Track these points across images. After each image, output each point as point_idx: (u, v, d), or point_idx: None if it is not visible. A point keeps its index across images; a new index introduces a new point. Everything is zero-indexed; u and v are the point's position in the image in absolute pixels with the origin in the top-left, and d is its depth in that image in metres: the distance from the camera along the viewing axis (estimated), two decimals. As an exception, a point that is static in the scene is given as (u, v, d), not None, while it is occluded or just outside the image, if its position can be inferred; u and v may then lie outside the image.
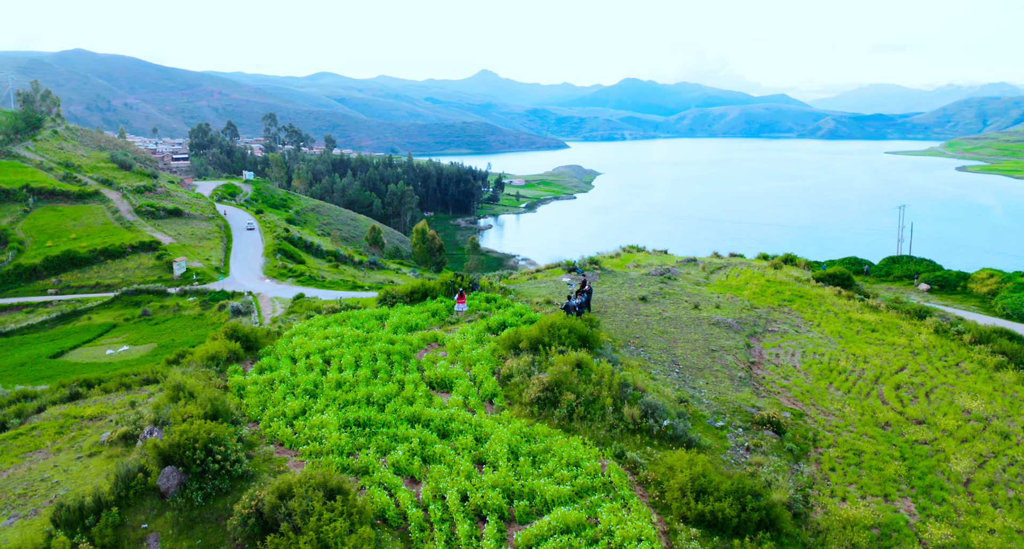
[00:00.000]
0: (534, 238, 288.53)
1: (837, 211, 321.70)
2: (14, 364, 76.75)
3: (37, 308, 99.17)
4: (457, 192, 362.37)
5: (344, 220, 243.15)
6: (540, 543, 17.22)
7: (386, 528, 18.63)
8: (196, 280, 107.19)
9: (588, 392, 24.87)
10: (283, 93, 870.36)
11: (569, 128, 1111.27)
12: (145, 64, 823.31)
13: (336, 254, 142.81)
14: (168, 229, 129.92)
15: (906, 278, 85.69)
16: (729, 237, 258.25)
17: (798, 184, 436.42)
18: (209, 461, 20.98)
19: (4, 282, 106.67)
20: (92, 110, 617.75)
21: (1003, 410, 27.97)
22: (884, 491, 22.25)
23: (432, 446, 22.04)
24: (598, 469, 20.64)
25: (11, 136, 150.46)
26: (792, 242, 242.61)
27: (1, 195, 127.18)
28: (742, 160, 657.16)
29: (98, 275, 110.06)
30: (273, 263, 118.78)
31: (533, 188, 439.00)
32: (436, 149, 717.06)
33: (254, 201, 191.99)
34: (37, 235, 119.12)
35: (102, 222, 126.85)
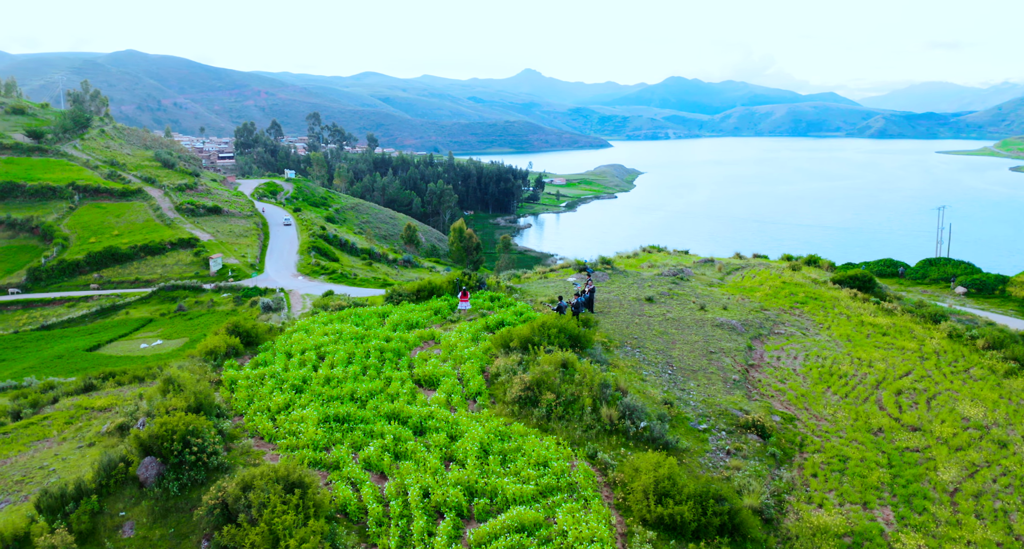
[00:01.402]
0: (573, 237, 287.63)
1: (883, 212, 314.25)
2: (52, 356, 79.10)
3: (78, 302, 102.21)
4: (497, 191, 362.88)
5: (383, 218, 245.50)
6: (492, 541, 17.24)
7: (346, 522, 18.88)
8: (231, 276, 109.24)
9: (569, 392, 24.79)
10: (328, 93, 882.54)
11: (612, 127, 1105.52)
12: (194, 64, 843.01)
13: (370, 252, 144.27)
14: (207, 226, 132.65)
15: (942, 281, 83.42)
16: (771, 238, 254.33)
17: (844, 184, 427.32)
18: (186, 453, 21.49)
19: (49, 277, 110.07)
20: (143, 110, 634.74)
21: (1005, 418, 27.07)
22: (864, 499, 21.72)
23: (405, 443, 22.24)
24: (566, 469, 20.57)
25: (60, 135, 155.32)
26: (835, 244, 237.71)
27: (48, 192, 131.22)
28: (788, 159, 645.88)
29: (138, 271, 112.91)
30: (307, 260, 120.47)
31: (574, 187, 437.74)
32: (478, 148, 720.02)
33: (295, 199, 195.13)
34: (81, 231, 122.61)
35: (144, 219, 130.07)
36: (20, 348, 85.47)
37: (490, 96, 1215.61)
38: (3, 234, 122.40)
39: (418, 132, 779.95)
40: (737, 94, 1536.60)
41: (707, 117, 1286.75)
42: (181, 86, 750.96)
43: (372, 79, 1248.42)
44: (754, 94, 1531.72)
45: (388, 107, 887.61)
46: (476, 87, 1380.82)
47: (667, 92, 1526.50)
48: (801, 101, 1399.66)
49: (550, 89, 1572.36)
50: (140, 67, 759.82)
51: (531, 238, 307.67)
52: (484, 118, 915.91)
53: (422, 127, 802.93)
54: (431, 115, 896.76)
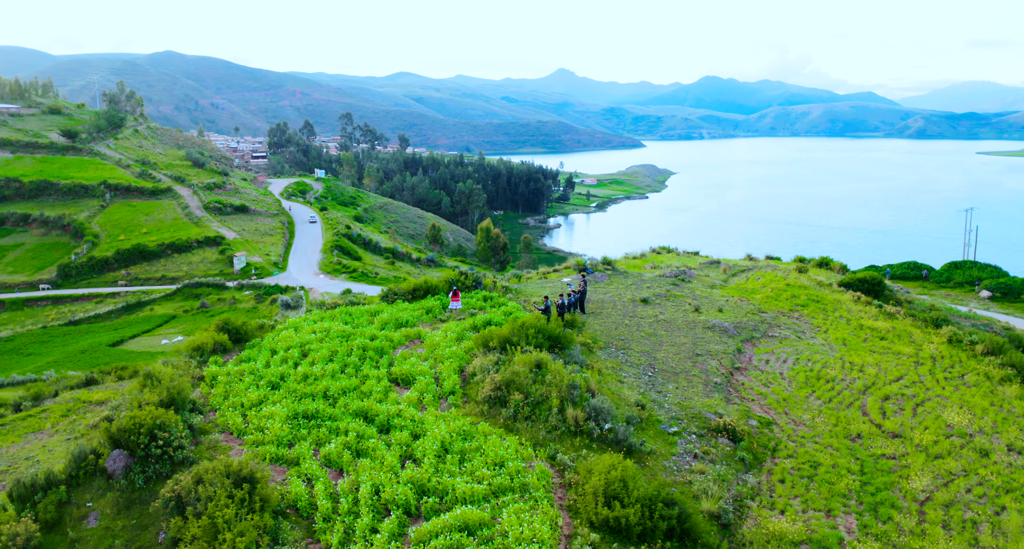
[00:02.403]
0: (602, 238, 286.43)
1: (919, 214, 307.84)
2: (77, 351, 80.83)
3: (106, 299, 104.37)
4: (527, 191, 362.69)
5: (411, 218, 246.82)
6: (433, 539, 17.27)
7: (295, 517, 19.09)
8: (255, 274, 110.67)
9: (539, 393, 24.71)
10: (362, 93, 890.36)
11: (646, 127, 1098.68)
12: (232, 65, 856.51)
13: (394, 251, 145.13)
14: (233, 225, 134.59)
15: (967, 284, 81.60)
16: (803, 240, 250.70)
17: (881, 185, 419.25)
18: (152, 446, 21.88)
19: (78, 273, 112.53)
20: (180, 110, 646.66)
21: (992, 426, 26.33)
22: (829, 506, 21.28)
23: (367, 440, 22.38)
24: (521, 470, 20.51)
25: (93, 135, 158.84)
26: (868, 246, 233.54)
27: (81, 191, 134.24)
28: (823, 160, 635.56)
29: (164, 268, 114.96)
30: (329, 259, 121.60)
31: (605, 187, 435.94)
32: (511, 148, 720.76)
33: (323, 198, 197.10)
34: (111, 229, 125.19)
35: (172, 217, 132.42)
36: (47, 343, 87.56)
37: (523, 96, 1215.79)
38: (36, 231, 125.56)
39: (451, 132, 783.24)
40: (773, 94, 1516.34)
41: (742, 117, 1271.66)
42: (218, 86, 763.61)
43: (406, 79, 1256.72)
44: (790, 94, 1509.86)
45: (421, 107, 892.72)
46: (509, 87, 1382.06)
47: (702, 92, 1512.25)
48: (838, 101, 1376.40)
49: (583, 89, 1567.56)
50: (178, 68, 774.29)
51: (561, 238, 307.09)
52: (517, 118, 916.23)
53: (455, 127, 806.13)
54: (464, 115, 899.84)
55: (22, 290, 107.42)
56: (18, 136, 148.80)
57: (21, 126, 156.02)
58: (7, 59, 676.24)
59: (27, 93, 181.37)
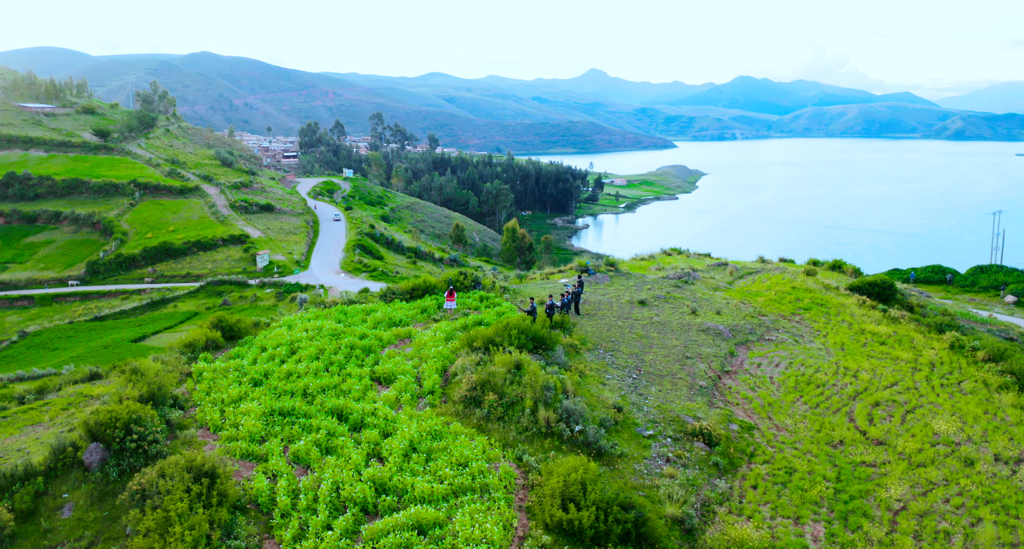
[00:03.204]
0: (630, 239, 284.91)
1: (955, 216, 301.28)
2: (99, 346, 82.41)
3: (131, 295, 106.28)
4: (555, 191, 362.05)
5: (438, 217, 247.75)
6: (384, 537, 17.34)
7: (255, 512, 19.29)
8: (277, 272, 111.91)
9: (514, 393, 24.67)
10: (394, 93, 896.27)
11: (678, 127, 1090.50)
12: (266, 65, 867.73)
13: (416, 251, 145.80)
14: (258, 223, 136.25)
15: (992, 289, 79.85)
16: (835, 243, 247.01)
17: (916, 187, 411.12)
18: (127, 440, 22.27)
19: (106, 270, 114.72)
20: (215, 110, 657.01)
21: (982, 435, 25.67)
22: (798, 513, 20.93)
23: (337, 438, 22.54)
24: (484, 470, 20.50)
25: (125, 134, 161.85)
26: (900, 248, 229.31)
27: (111, 189, 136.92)
28: (858, 161, 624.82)
29: (189, 266, 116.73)
30: (351, 258, 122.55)
31: (634, 188, 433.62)
32: (541, 148, 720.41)
33: (351, 198, 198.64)
34: (140, 227, 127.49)
35: (199, 216, 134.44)
36: (72, 338, 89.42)
37: (554, 96, 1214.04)
38: (67, 228, 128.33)
39: (481, 132, 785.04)
40: (808, 94, 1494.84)
41: (776, 117, 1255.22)
42: (252, 87, 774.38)
43: (437, 79, 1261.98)
44: (826, 94, 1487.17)
45: (452, 107, 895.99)
46: (541, 87, 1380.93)
47: (735, 92, 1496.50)
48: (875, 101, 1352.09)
49: (615, 89, 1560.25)
50: (213, 68, 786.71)
51: (589, 239, 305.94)
52: (548, 118, 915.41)
53: (485, 127, 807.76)
54: (495, 115, 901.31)
55: (52, 286, 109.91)
56: (52, 135, 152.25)
57: (55, 125, 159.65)
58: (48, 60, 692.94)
59: (62, 93, 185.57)
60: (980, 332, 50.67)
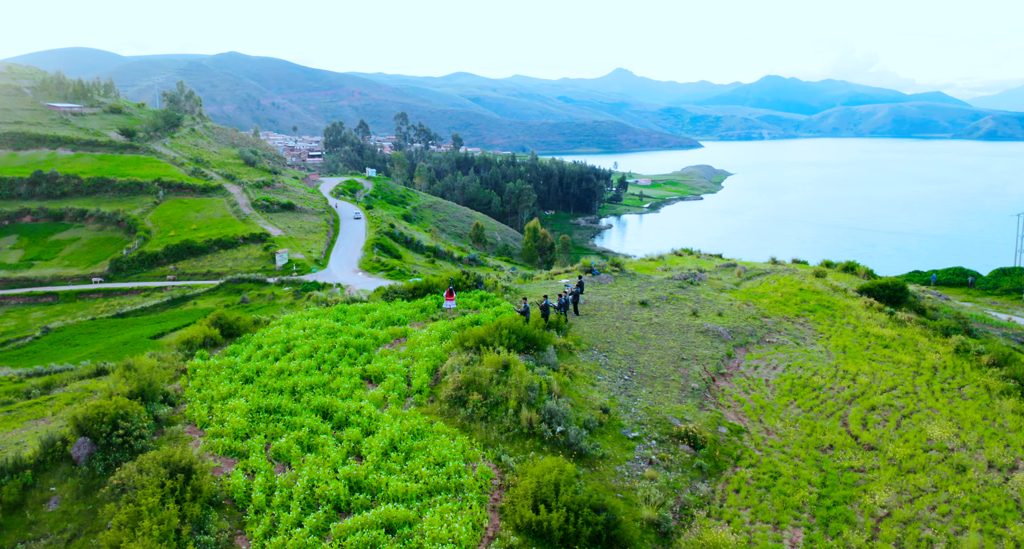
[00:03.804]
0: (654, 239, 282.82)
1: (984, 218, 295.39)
2: (119, 343, 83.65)
3: (153, 293, 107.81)
4: (579, 191, 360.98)
5: (460, 217, 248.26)
6: (351, 535, 17.40)
7: (231, 508, 19.46)
8: (296, 271, 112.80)
9: (499, 394, 24.64)
10: (420, 93, 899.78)
11: (704, 127, 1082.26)
12: (293, 66, 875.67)
13: (435, 250, 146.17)
14: (279, 222, 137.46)
15: (1015, 292, 78.36)
16: (861, 244, 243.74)
17: (945, 188, 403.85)
18: (114, 435, 22.58)
19: (129, 267, 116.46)
20: (243, 109, 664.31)
21: (977, 441, 25.15)
22: (779, 518, 20.64)
23: (319, 436, 22.66)
24: (461, 470, 20.50)
25: (151, 133, 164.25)
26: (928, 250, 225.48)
27: (136, 187, 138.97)
28: (887, 161, 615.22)
29: (210, 263, 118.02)
30: (369, 257, 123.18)
31: (659, 188, 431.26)
32: (566, 148, 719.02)
33: (373, 197, 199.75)
34: (163, 225, 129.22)
35: (221, 214, 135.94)
36: (94, 334, 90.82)
37: (580, 96, 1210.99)
38: (93, 226, 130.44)
39: (506, 132, 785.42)
40: (837, 93, 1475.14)
41: (804, 117, 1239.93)
42: (279, 86, 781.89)
43: (463, 79, 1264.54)
44: (855, 93, 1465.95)
45: (477, 107, 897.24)
46: (566, 87, 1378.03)
47: (763, 91, 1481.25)
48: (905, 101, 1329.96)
49: (641, 88, 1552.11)
50: (242, 68, 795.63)
51: (612, 239, 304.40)
52: (573, 118, 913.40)
53: (510, 127, 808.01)
54: (520, 115, 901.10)
55: (76, 283, 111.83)
56: (79, 134, 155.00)
57: (83, 125, 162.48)
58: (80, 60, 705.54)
59: (90, 93, 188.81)
60: (995, 336, 49.69)
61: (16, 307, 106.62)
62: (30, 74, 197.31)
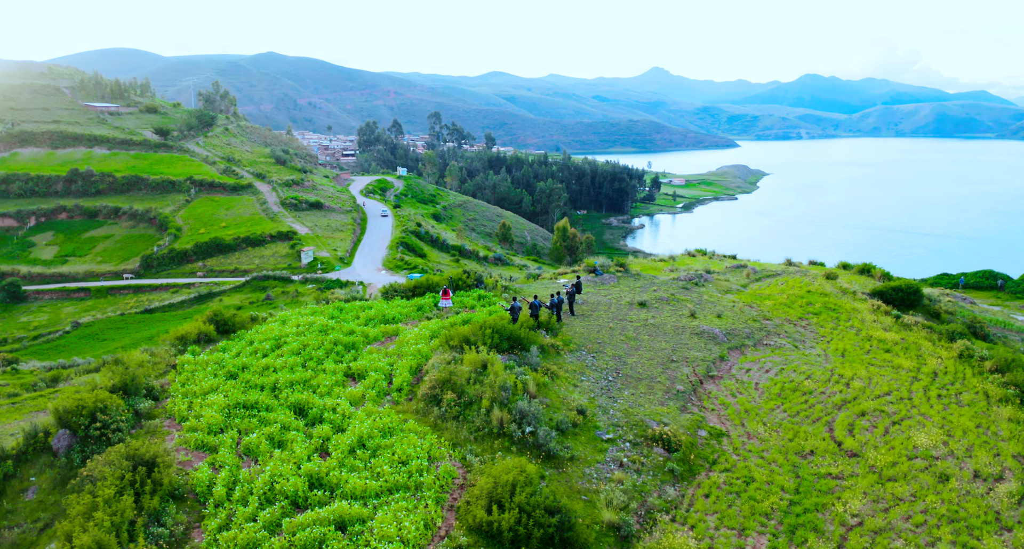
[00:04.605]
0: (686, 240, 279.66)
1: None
2: (144, 338, 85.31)
3: (181, 289, 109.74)
4: (611, 191, 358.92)
5: (489, 216, 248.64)
6: (301, 530, 17.51)
7: (192, 501, 19.71)
8: (320, 269, 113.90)
9: (473, 393, 24.58)
10: (454, 92, 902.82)
11: (741, 126, 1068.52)
12: (329, 65, 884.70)
13: (460, 249, 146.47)
14: (306, 220, 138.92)
15: (1045, 296, 76.02)
16: (898, 246, 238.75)
17: (988, 189, 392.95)
18: (92, 427, 23.01)
19: (159, 264, 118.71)
20: (280, 109, 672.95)
21: (966, 449, 24.39)
22: (744, 525, 20.24)
23: (290, 432, 22.84)
24: (424, 468, 20.49)
25: (185, 132, 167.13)
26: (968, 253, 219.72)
27: (168, 186, 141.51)
28: (927, 161, 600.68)
29: (238, 261, 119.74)
30: (393, 255, 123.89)
31: (693, 188, 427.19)
32: (601, 147, 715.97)
33: (403, 196, 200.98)
34: (194, 223, 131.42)
35: (250, 212, 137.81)
36: (121, 329, 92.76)
37: (615, 95, 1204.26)
38: (125, 224, 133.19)
39: (541, 131, 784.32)
40: (877, 92, 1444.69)
41: (843, 116, 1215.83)
42: (316, 86, 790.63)
43: (498, 79, 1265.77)
44: (896, 92, 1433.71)
45: (512, 106, 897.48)
46: (602, 86, 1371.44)
47: (801, 90, 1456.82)
48: (948, 100, 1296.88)
49: (678, 87, 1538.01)
50: (279, 68, 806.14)
51: (645, 239, 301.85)
52: (608, 117, 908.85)
53: (545, 126, 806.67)
54: (554, 114, 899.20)
55: (107, 279, 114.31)
56: (115, 133, 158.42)
57: (119, 124, 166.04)
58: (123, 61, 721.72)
59: (126, 93, 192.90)
60: (1013, 341, 48.29)
61: (49, 302, 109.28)
62: (69, 74, 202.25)
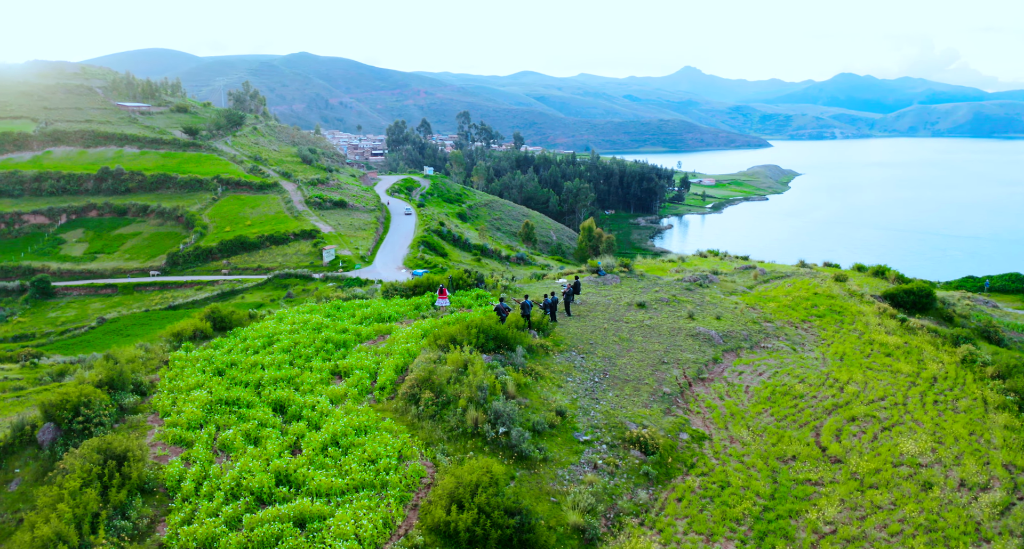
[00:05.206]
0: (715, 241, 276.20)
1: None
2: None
3: (205, 286, 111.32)
4: (640, 191, 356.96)
5: (515, 216, 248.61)
6: (259, 526, 17.63)
7: (162, 495, 19.96)
8: (341, 267, 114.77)
9: (452, 392, 24.56)
10: (484, 92, 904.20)
11: (774, 126, 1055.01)
12: (360, 65, 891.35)
13: (483, 248, 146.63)
14: (330, 219, 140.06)
15: (1076, 300, 73.95)
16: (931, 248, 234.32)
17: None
18: (75, 421, 23.43)
19: (185, 262, 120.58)
20: (311, 108, 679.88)
21: (955, 457, 23.76)
22: (713, 530, 19.93)
23: (266, 429, 23.03)
24: (392, 467, 20.52)
25: (213, 132, 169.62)
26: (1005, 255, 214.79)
27: (196, 184, 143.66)
28: (964, 162, 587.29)
29: (261, 259, 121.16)
30: (414, 254, 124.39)
31: (723, 188, 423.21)
32: (631, 147, 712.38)
33: (429, 195, 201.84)
34: (219, 221, 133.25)
35: (275, 211, 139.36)
36: (145, 325, 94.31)
37: (646, 94, 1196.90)
38: (154, 221, 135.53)
39: (570, 130, 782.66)
40: (914, 91, 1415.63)
41: (879, 116, 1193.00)
42: (347, 86, 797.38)
43: (528, 78, 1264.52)
44: (933, 91, 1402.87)
45: (542, 106, 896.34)
46: (632, 85, 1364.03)
47: (836, 89, 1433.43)
48: (987, 99, 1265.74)
49: (710, 87, 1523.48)
50: (311, 68, 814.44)
51: (673, 239, 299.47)
52: (638, 117, 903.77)
53: (575, 125, 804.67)
54: (585, 114, 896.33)
55: (134, 276, 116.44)
56: (145, 133, 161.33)
57: (149, 123, 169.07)
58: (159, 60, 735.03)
59: (157, 92, 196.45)
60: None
61: (77, 298, 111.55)
62: (102, 74, 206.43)
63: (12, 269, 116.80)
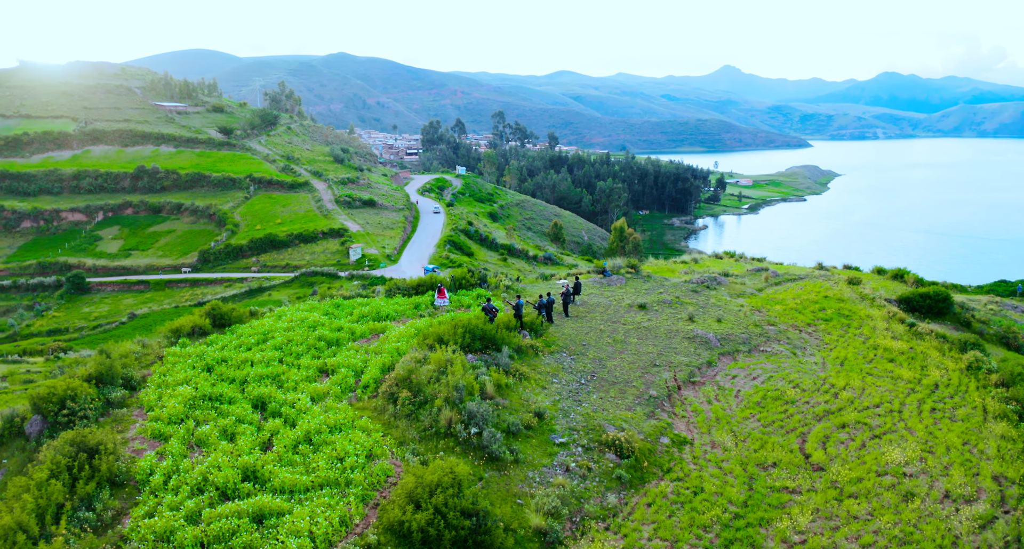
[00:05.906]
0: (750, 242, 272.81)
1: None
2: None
3: (234, 283, 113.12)
4: (674, 191, 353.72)
5: (547, 216, 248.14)
6: (216, 522, 17.83)
7: (131, 488, 20.30)
8: (367, 265, 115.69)
9: (430, 392, 24.56)
10: (521, 91, 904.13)
11: (814, 126, 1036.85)
12: (398, 65, 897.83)
13: (510, 248, 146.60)
14: (359, 218, 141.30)
15: (1113, 307, 71.44)
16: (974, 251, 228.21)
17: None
18: (61, 414, 23.96)
19: (216, 259, 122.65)
20: (349, 108, 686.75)
21: (943, 468, 23.05)
22: (679, 537, 19.59)
23: (243, 425, 23.27)
24: (358, 465, 20.60)
25: (248, 131, 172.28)
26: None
27: (229, 183, 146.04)
28: (1011, 163, 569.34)
29: (290, 257, 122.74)
30: (440, 254, 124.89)
31: (760, 189, 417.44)
32: (668, 147, 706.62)
33: (460, 195, 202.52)
34: (251, 219, 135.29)
35: (305, 209, 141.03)
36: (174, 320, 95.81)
37: (684, 94, 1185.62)
38: (187, 219, 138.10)
39: (607, 130, 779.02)
40: (960, 91, 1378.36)
41: (923, 116, 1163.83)
42: (385, 86, 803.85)
43: (565, 78, 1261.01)
44: (980, 91, 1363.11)
45: (578, 105, 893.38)
46: (671, 85, 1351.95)
47: (879, 88, 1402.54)
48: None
49: (749, 86, 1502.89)
50: (349, 69, 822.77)
51: (708, 240, 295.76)
52: (676, 116, 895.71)
53: (611, 125, 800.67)
54: (621, 113, 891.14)
55: (166, 273, 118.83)
56: (181, 132, 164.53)
57: (185, 123, 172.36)
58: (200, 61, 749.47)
59: (194, 92, 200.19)
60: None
61: (111, 294, 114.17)
62: (141, 75, 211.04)
63: (50, 265, 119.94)
